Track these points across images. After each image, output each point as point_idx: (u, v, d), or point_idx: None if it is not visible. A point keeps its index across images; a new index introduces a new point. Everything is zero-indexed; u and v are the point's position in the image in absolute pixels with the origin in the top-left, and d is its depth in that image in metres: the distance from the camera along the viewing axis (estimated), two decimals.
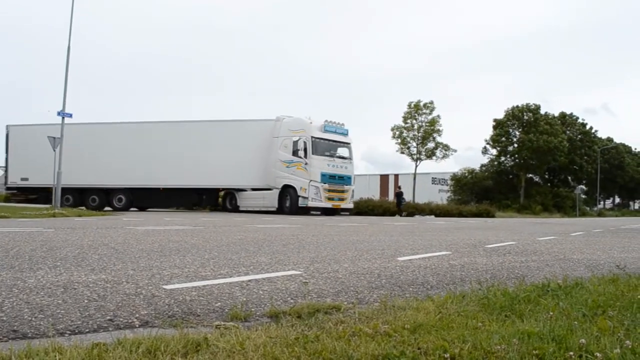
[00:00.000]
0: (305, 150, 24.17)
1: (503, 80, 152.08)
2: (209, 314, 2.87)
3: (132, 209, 26.96)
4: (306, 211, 24.55)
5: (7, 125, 28.33)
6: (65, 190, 25.45)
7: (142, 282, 3.66)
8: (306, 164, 24.16)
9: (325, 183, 24.42)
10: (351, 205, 26.41)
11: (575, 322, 2.65)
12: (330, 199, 24.62)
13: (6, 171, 28.28)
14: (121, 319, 2.69)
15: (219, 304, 3.11)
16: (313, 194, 24.11)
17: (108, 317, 2.71)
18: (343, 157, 25.70)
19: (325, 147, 24.91)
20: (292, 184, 24.60)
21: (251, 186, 26.13)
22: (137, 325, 2.62)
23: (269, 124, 25.74)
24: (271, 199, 25.30)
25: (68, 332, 2.46)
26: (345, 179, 25.49)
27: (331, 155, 24.99)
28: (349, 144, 26.28)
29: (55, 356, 1.97)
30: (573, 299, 3.28)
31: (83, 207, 25.76)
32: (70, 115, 20.83)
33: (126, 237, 7.56)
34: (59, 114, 20.35)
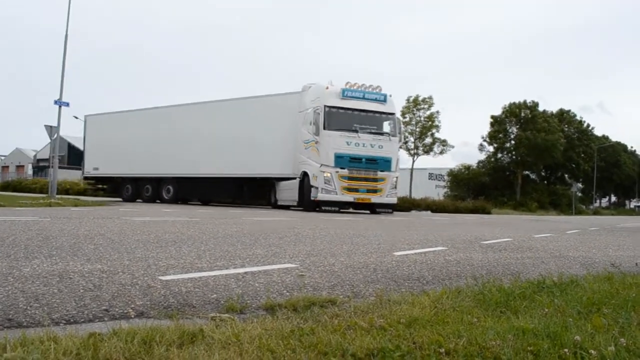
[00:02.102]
0: (317, 124, 18.87)
1: (500, 77, 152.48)
2: (204, 306, 2.87)
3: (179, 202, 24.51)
4: (320, 206, 18.89)
5: (85, 115, 28.37)
6: (125, 180, 26.09)
7: (138, 273, 3.65)
8: (317, 142, 18.90)
9: (342, 168, 18.61)
10: (393, 200, 19.80)
11: (570, 319, 2.66)
12: (351, 189, 18.74)
13: (83, 160, 28.24)
14: (117, 309, 2.69)
15: (215, 295, 3.11)
16: (323, 184, 18.57)
17: (103, 307, 2.71)
18: (377, 133, 19.36)
19: (346, 118, 18.97)
20: (307, 171, 19.39)
21: (281, 175, 20.91)
22: (132, 316, 2.62)
23: (296, 96, 20.73)
24: (294, 191, 20.22)
25: (63, 321, 2.46)
26: (379, 163, 19.11)
27: (355, 130, 18.86)
28: (389, 114, 19.84)
29: (51, 345, 1.97)
30: (568, 296, 3.30)
31: (140, 199, 25.22)
32: (67, 104, 20.70)
33: (122, 227, 7.54)
34: (55, 102, 20.23)
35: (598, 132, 64.78)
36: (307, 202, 19.25)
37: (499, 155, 55.10)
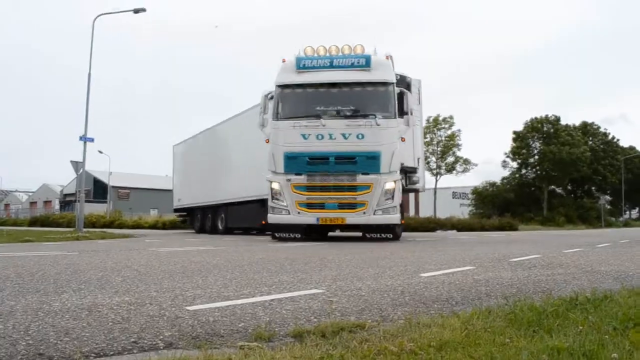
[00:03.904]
0: (266, 115, 13.79)
1: (517, 93, 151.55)
2: (232, 335, 2.85)
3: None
4: (274, 233, 14.24)
5: (173, 146, 27.10)
6: (194, 210, 24.61)
7: (165, 304, 3.66)
8: (268, 141, 13.67)
9: (298, 174, 13.03)
10: (389, 218, 13.04)
11: (606, 336, 2.59)
12: (313, 205, 12.98)
13: (173, 193, 27.28)
14: (145, 341, 2.69)
15: (242, 324, 3.09)
16: (271, 200, 13.44)
17: (132, 339, 2.71)
18: (354, 116, 13.09)
19: (304, 100, 13.50)
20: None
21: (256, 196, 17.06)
22: (161, 347, 2.61)
23: None
24: (252, 216, 17.29)
25: (93, 354, 2.46)
26: (358, 162, 12.82)
27: (316, 116, 13.03)
28: (378, 83, 13.24)
29: None
30: (603, 313, 3.21)
31: (205, 230, 22.67)
32: (92, 140, 21.12)
33: (149, 258, 7.60)
34: (81, 138, 20.66)
35: (624, 143, 63.75)
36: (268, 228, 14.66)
37: (523, 170, 54.50)
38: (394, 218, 13.17)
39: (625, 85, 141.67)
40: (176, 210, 27.83)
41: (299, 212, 13.08)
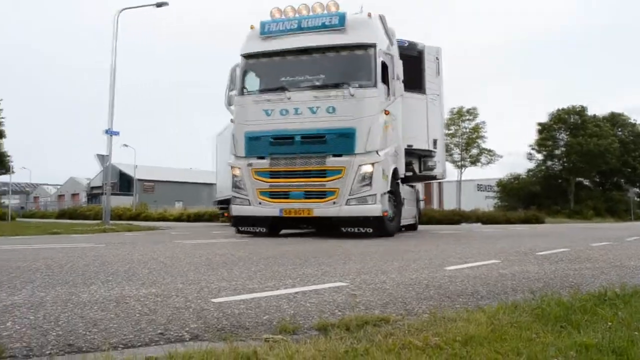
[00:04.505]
0: (231, 90, 12.04)
1: (542, 83, 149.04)
2: (257, 327, 2.87)
3: None
4: (237, 226, 12.06)
5: (216, 135, 25.43)
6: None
7: (191, 296, 3.70)
8: (232, 121, 12.04)
9: (260, 157, 11.29)
10: (368, 209, 10.71)
11: (636, 333, 2.54)
12: (276, 195, 11.14)
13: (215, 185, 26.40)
14: (172, 333, 2.73)
15: (267, 316, 3.11)
16: (233, 188, 11.77)
17: (159, 331, 2.75)
18: (323, 87, 11.14)
19: (269, 71, 11.85)
20: None
21: None
22: (187, 339, 2.64)
23: None
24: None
25: (121, 345, 2.50)
26: (328, 140, 10.86)
27: (281, 89, 11.25)
28: (356, 46, 11.22)
29: None
30: (632, 308, 3.15)
31: None
32: (117, 133, 21.38)
33: (174, 251, 7.69)
34: (106, 132, 20.93)
35: None
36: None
37: (549, 163, 53.68)
38: (373, 209, 10.69)
39: None
40: (219, 202, 27.34)
41: (260, 203, 11.19)
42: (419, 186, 17.10)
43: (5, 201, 53.02)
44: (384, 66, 11.29)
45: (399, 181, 12.52)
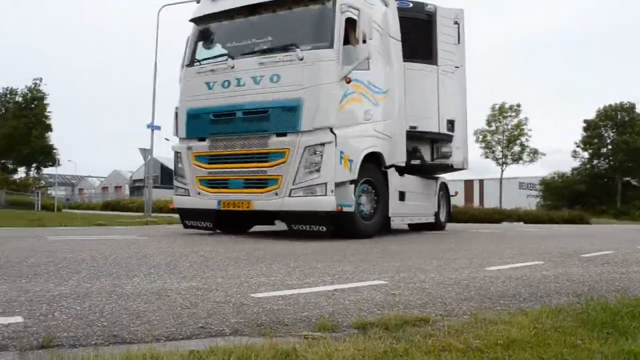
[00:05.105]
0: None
1: (586, 78, 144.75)
2: (296, 324, 2.88)
3: None
4: (183, 220, 10.55)
5: None
6: None
7: (231, 290, 3.75)
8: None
9: (200, 139, 9.60)
10: (322, 203, 8.44)
11: None
12: (215, 183, 9.40)
13: None
14: (212, 327, 2.76)
15: (306, 313, 3.12)
16: (174, 178, 10.40)
17: (200, 325, 2.79)
18: (270, 50, 9.07)
19: (218, 37, 10.23)
20: None
21: None
22: (227, 333, 2.67)
23: None
24: None
25: (163, 338, 2.55)
26: (271, 115, 8.76)
27: (228, 56, 9.58)
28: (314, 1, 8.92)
29: None
30: None
31: None
32: (159, 128, 21.82)
33: (214, 245, 7.79)
34: (148, 126, 21.38)
35: None
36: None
37: (595, 161, 52.21)
38: (322, 202, 8.50)
39: None
40: None
41: (199, 193, 9.47)
42: (446, 178, 14.61)
43: (52, 192, 54.83)
44: (351, 24, 8.94)
45: (391, 170, 10.30)
